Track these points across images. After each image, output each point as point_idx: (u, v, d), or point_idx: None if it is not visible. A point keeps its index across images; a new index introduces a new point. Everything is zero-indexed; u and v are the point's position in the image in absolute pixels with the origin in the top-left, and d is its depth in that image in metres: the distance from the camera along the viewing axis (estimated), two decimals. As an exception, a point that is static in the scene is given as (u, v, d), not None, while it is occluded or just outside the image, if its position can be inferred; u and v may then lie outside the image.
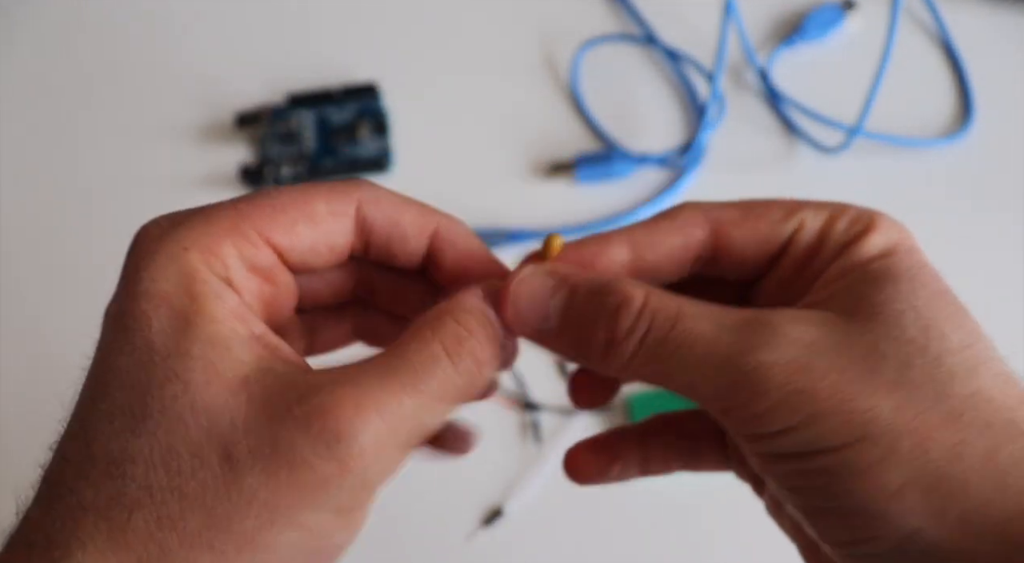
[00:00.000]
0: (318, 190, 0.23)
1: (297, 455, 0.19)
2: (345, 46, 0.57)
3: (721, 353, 0.20)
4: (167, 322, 0.20)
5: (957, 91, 0.54)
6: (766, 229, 0.23)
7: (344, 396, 0.19)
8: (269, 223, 0.22)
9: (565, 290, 0.22)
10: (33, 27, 0.58)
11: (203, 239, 0.21)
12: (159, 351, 0.20)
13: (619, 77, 0.56)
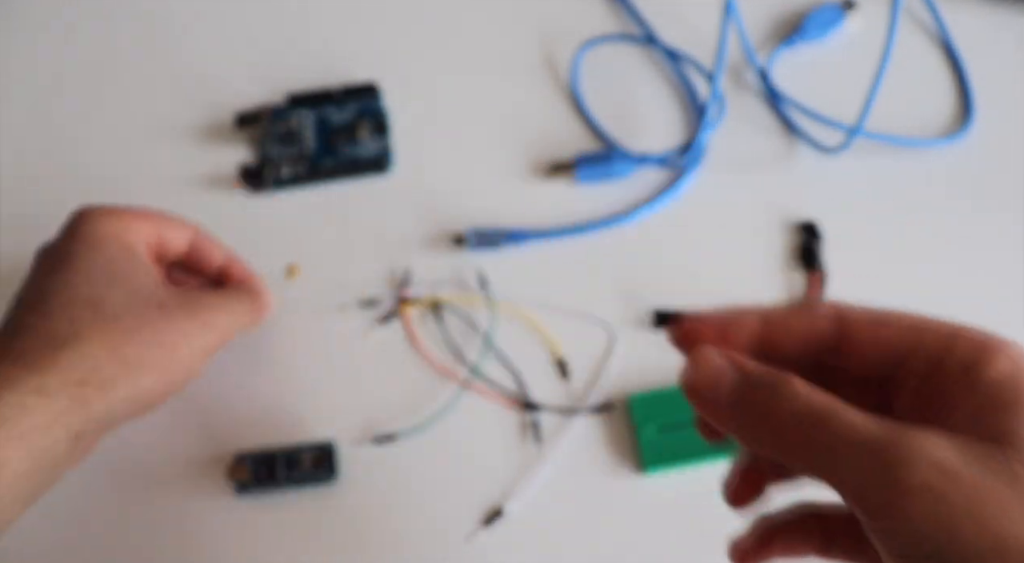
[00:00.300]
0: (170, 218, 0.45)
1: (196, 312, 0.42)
2: (345, 46, 0.57)
3: (869, 447, 0.22)
4: (108, 248, 0.40)
5: (957, 91, 0.54)
6: (889, 337, 0.25)
7: (211, 303, 0.43)
8: (151, 224, 0.43)
9: (738, 371, 0.25)
10: (32, 26, 0.58)
11: (122, 222, 0.42)
12: (107, 257, 0.40)
13: (619, 77, 0.56)
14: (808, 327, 0.26)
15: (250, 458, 0.44)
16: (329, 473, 0.44)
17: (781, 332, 0.26)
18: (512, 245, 0.50)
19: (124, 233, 0.40)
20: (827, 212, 0.50)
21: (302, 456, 0.44)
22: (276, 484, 0.43)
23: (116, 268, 0.39)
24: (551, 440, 0.45)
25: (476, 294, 0.48)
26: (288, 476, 0.43)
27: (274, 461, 0.44)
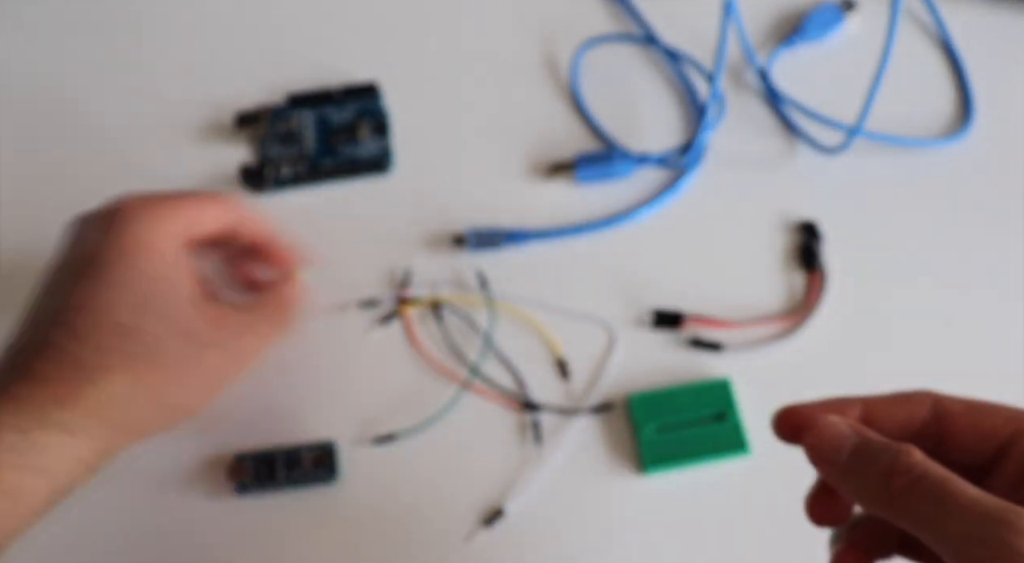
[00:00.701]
0: (201, 198, 0.42)
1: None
2: (345, 46, 0.57)
3: (985, 515, 0.23)
4: (145, 260, 0.37)
5: (957, 91, 0.54)
6: (986, 428, 0.27)
7: (243, 322, 0.42)
8: (185, 216, 0.40)
9: (860, 437, 0.27)
10: (30, 26, 0.58)
11: (156, 221, 0.39)
12: (141, 272, 0.37)
13: (619, 77, 0.56)
14: (908, 415, 0.28)
15: (250, 458, 0.44)
16: (330, 473, 0.44)
17: (882, 420, 0.28)
18: (512, 245, 0.50)
19: (163, 239, 0.38)
20: (827, 212, 0.50)
21: (302, 456, 0.44)
22: (276, 484, 0.43)
23: (151, 289, 0.37)
24: (551, 440, 0.45)
25: (476, 294, 0.48)
26: (288, 476, 0.43)
27: (274, 461, 0.44)
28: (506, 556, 0.43)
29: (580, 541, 0.43)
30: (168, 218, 0.39)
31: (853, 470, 0.26)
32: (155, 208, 0.39)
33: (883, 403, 0.28)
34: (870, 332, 0.47)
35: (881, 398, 0.28)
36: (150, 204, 0.39)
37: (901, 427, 0.28)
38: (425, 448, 0.45)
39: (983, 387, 0.45)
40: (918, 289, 0.48)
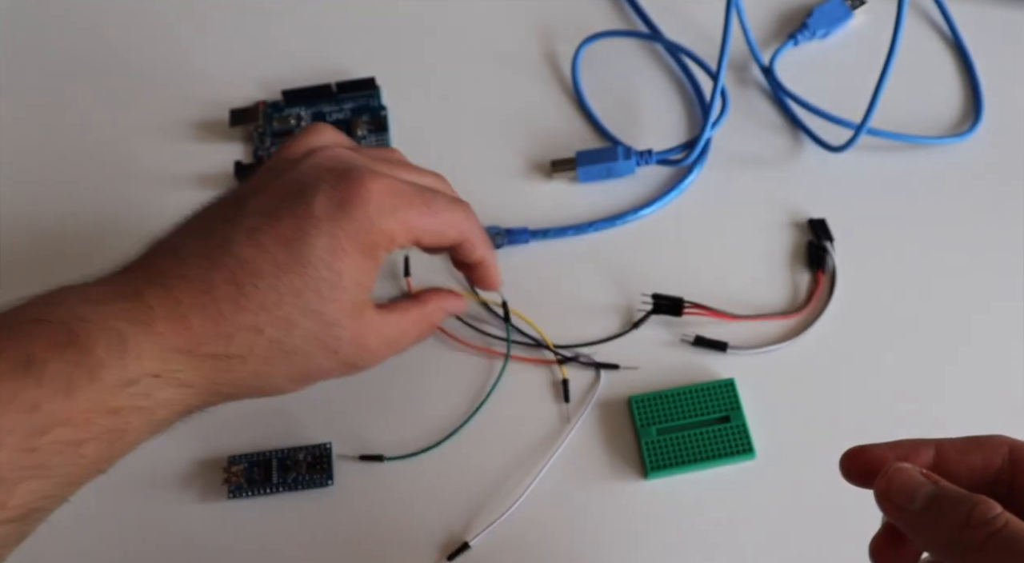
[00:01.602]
0: (444, 204, 0.38)
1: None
2: (342, 40, 0.56)
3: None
4: (352, 267, 0.35)
5: (966, 88, 0.53)
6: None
7: (371, 342, 0.38)
8: (414, 230, 0.37)
9: (934, 485, 0.26)
10: (26, 25, 0.58)
11: (391, 228, 0.36)
12: (339, 286, 0.35)
13: (621, 73, 0.55)
14: (982, 460, 0.27)
15: (245, 460, 0.43)
16: (325, 476, 0.43)
17: (955, 464, 0.27)
18: (513, 245, 0.49)
19: (377, 244, 0.35)
20: (832, 210, 0.49)
21: (298, 458, 0.43)
22: (271, 487, 0.43)
23: (328, 295, 0.34)
24: (552, 441, 0.44)
25: (476, 295, 0.48)
26: (283, 479, 0.43)
27: (270, 463, 0.43)
28: (508, 559, 0.42)
29: (581, 546, 0.42)
30: (409, 222, 0.36)
31: (927, 519, 0.26)
32: (400, 209, 0.35)
33: (957, 447, 0.28)
34: (878, 331, 0.46)
35: (955, 442, 0.28)
36: (396, 200, 0.35)
37: (976, 473, 0.27)
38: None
39: (993, 387, 0.45)
40: (926, 288, 0.47)
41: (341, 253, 0.34)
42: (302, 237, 0.34)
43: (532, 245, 0.49)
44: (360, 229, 0.34)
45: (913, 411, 0.44)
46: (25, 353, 0.29)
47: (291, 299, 0.33)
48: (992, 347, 0.46)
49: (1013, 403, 0.44)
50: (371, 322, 0.36)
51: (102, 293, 0.33)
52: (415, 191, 0.37)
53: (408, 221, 0.36)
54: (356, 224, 0.34)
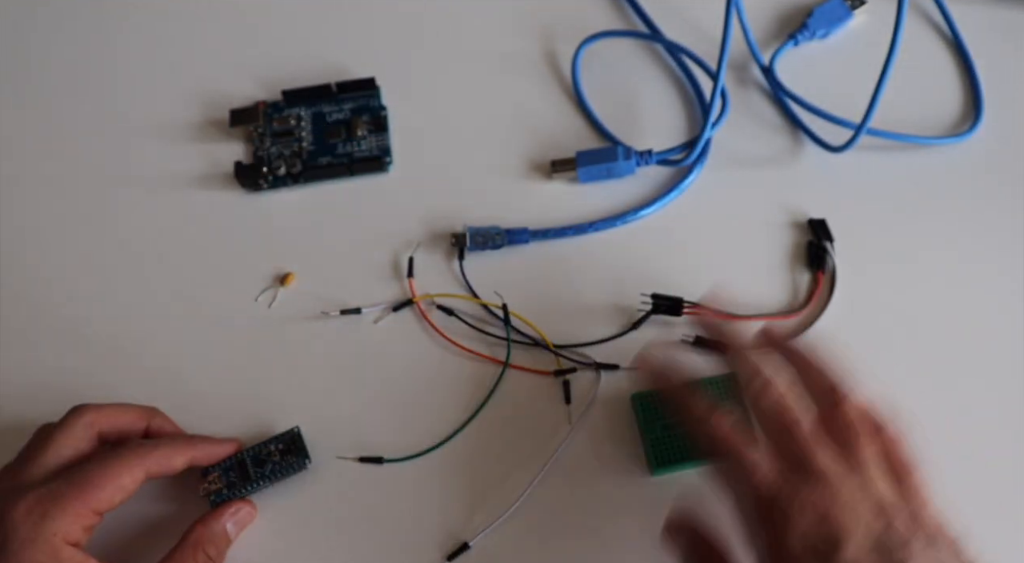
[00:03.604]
0: (116, 464, 0.39)
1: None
2: (342, 40, 0.56)
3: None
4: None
5: (966, 88, 0.53)
6: None
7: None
8: (97, 501, 0.38)
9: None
10: (26, 25, 0.58)
11: (63, 526, 0.36)
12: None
13: (621, 73, 0.55)
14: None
15: (218, 468, 0.43)
16: (301, 458, 0.43)
17: None
18: (513, 245, 0.49)
19: (59, 552, 0.36)
20: (832, 210, 0.49)
21: (269, 449, 0.43)
22: (251, 484, 0.42)
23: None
24: (553, 442, 0.44)
25: (477, 296, 0.48)
26: (260, 473, 0.42)
27: (244, 462, 0.43)
28: (510, 556, 0.42)
29: (581, 546, 0.42)
30: (65, 532, 0.36)
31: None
32: (44, 521, 0.36)
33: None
34: (877, 331, 0.46)
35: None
36: (39, 514, 0.36)
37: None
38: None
39: (992, 387, 0.45)
40: (926, 287, 0.47)
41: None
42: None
43: (532, 245, 0.49)
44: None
45: (913, 410, 0.44)
46: None
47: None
48: (992, 346, 0.46)
49: (1013, 402, 0.44)
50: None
51: None
52: (61, 484, 0.37)
53: (66, 516, 0.36)
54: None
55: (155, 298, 0.48)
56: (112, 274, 0.49)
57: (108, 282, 0.49)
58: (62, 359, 0.47)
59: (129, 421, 0.41)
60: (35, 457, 0.38)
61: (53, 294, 0.49)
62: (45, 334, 0.48)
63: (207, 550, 0.40)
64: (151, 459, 0.39)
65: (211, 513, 0.41)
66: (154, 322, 0.48)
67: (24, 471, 0.38)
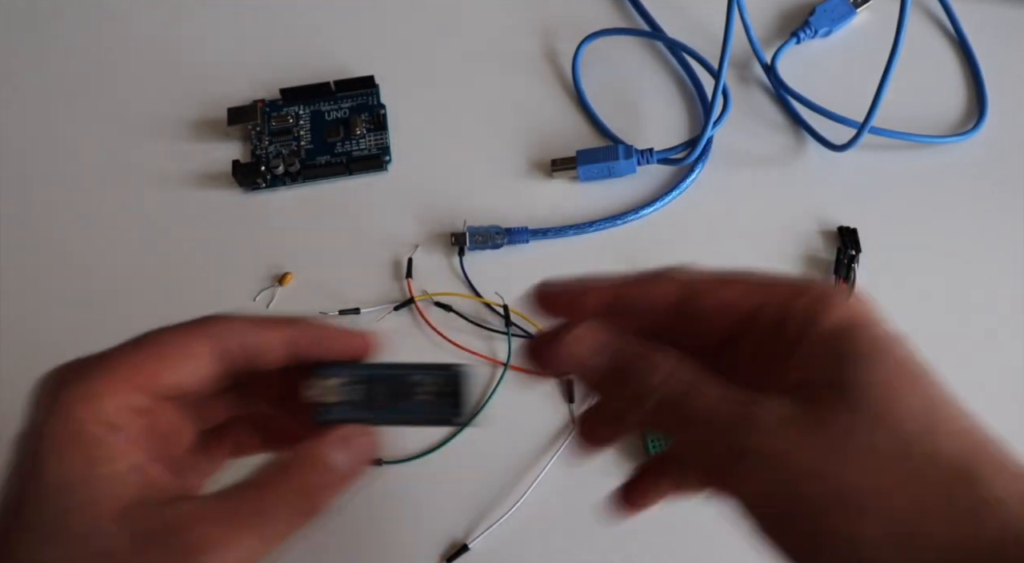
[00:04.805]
0: (175, 335, 0.28)
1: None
2: (342, 40, 0.56)
3: (717, 422, 0.24)
4: (61, 464, 0.25)
5: (970, 87, 0.53)
6: (734, 297, 0.26)
7: (203, 534, 0.25)
8: (138, 373, 0.27)
9: (619, 342, 0.27)
10: (24, 24, 0.57)
11: (88, 392, 0.26)
12: (49, 485, 0.25)
13: (622, 72, 0.54)
14: (657, 293, 0.27)
15: (338, 371, 0.30)
16: (454, 409, 0.29)
17: (632, 299, 0.27)
18: (513, 244, 0.48)
19: (92, 421, 0.26)
20: (835, 209, 0.49)
21: (419, 379, 0.30)
22: (377, 415, 0.30)
23: (59, 509, 0.25)
24: (553, 442, 0.44)
25: (478, 293, 0.47)
26: (396, 407, 0.30)
27: (378, 381, 0.30)
28: (511, 554, 0.42)
29: (582, 546, 0.42)
30: (105, 390, 0.27)
31: (610, 379, 0.26)
32: (81, 382, 0.27)
33: (634, 283, 0.28)
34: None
35: (631, 277, 0.28)
36: (76, 375, 0.27)
37: (653, 307, 0.27)
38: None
39: (991, 387, 0.44)
40: (930, 285, 0.47)
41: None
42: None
43: (532, 245, 0.49)
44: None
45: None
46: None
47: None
48: (993, 346, 0.46)
49: (1012, 402, 0.44)
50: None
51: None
52: (105, 351, 0.28)
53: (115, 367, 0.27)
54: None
55: (152, 297, 0.48)
56: (109, 272, 0.49)
57: (105, 280, 0.49)
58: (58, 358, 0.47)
59: (268, 335, 0.29)
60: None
61: (50, 293, 0.49)
62: (41, 333, 0.47)
63: (301, 484, 0.27)
64: (231, 327, 0.28)
65: (316, 437, 0.28)
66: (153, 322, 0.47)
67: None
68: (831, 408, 0.23)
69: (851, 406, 0.23)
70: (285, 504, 0.27)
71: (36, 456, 0.26)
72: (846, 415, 0.23)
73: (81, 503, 0.25)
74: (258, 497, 0.26)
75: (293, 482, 0.27)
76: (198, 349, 0.28)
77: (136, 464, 0.26)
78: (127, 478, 0.26)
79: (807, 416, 0.23)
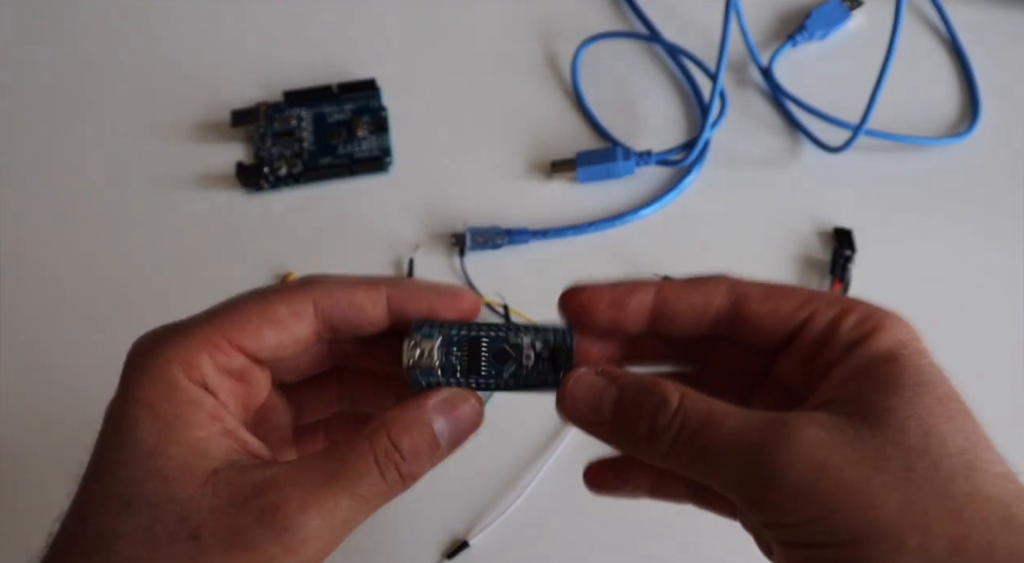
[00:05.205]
0: (278, 295, 0.27)
1: (252, 539, 0.23)
2: (344, 43, 0.56)
3: (744, 450, 0.23)
4: (152, 425, 0.24)
5: (963, 89, 0.54)
6: (782, 311, 0.26)
7: (291, 495, 0.24)
8: (238, 332, 0.26)
9: (615, 389, 0.26)
10: (26, 25, 0.58)
11: (182, 353, 0.25)
12: (144, 449, 0.24)
13: (621, 74, 0.55)
14: (703, 301, 0.26)
15: (439, 331, 0.28)
16: (557, 374, 0.28)
17: (676, 305, 0.26)
18: (513, 245, 0.49)
19: (187, 382, 0.25)
20: (831, 210, 0.50)
21: (526, 342, 0.28)
22: (480, 379, 0.29)
23: (141, 473, 0.24)
24: (553, 440, 0.44)
25: (479, 293, 0.48)
26: (499, 371, 0.29)
27: (481, 343, 0.28)
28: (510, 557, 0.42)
29: (582, 545, 0.43)
30: (203, 349, 0.26)
31: (619, 429, 0.25)
32: (177, 343, 0.26)
33: (679, 289, 0.27)
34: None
35: (676, 281, 0.27)
36: (171, 336, 0.26)
37: (697, 314, 0.26)
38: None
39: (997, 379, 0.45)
40: (925, 286, 0.48)
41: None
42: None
43: (532, 245, 0.49)
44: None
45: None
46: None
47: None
48: (989, 346, 0.46)
49: (1015, 401, 0.45)
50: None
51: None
52: (198, 315, 0.27)
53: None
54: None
55: (156, 297, 0.49)
56: (113, 273, 0.49)
57: (108, 281, 0.49)
58: (60, 359, 0.47)
59: (364, 292, 0.27)
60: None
61: (54, 295, 0.49)
62: (44, 333, 0.48)
63: (397, 445, 0.26)
64: (323, 286, 0.27)
65: (415, 398, 0.27)
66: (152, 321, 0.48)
67: None
68: (869, 434, 0.22)
69: (890, 434, 0.22)
70: (380, 469, 0.25)
71: (125, 419, 0.25)
72: (885, 443, 0.22)
73: (170, 467, 0.24)
74: (354, 459, 0.25)
75: (389, 446, 0.26)
76: (302, 308, 0.27)
77: (229, 428, 0.26)
78: (218, 442, 0.25)
79: (843, 437, 0.22)
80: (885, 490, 0.21)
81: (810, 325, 0.25)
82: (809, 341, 0.25)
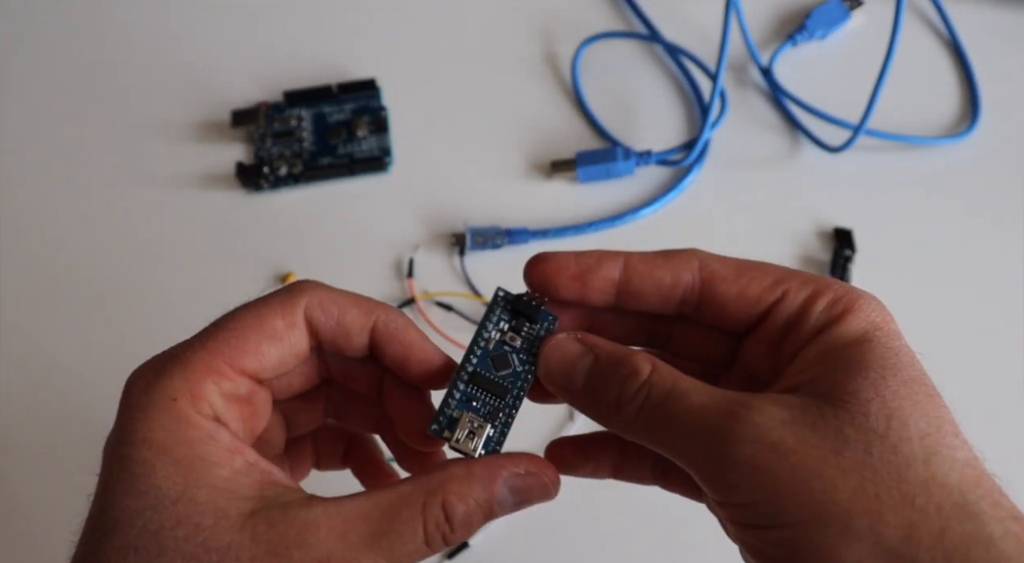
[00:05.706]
0: (270, 308, 0.26)
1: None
2: (344, 43, 0.56)
3: (704, 427, 0.23)
4: (171, 469, 0.22)
5: (963, 89, 0.54)
6: (752, 293, 0.25)
7: (334, 551, 0.22)
8: (239, 354, 0.25)
9: (590, 357, 0.25)
10: (27, 25, 0.58)
11: (186, 385, 0.24)
12: (167, 496, 0.22)
13: (621, 74, 0.55)
14: (672, 276, 0.26)
15: (457, 401, 0.29)
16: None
17: (642, 280, 0.26)
18: (513, 245, 0.49)
19: (197, 416, 0.24)
20: (831, 210, 0.50)
21: (501, 330, 0.29)
22: (510, 401, 0.29)
23: (169, 523, 0.22)
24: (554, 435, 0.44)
25: (477, 295, 0.48)
26: (508, 379, 0.29)
27: (483, 377, 0.29)
28: (510, 557, 0.42)
29: (582, 545, 0.43)
30: (207, 378, 0.24)
31: (590, 398, 0.25)
32: (178, 374, 0.24)
33: (646, 261, 0.26)
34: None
35: (644, 256, 0.26)
36: (170, 368, 0.24)
37: (664, 290, 0.26)
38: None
39: (991, 387, 0.45)
40: (925, 286, 0.48)
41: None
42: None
43: (532, 245, 0.49)
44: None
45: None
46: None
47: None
48: (988, 346, 0.46)
49: (1006, 401, 0.45)
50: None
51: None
52: (190, 340, 0.25)
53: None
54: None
55: (154, 297, 0.49)
56: (113, 272, 0.49)
57: (108, 281, 0.49)
58: (60, 358, 0.47)
59: (354, 315, 0.27)
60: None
61: (54, 294, 0.49)
62: (45, 334, 0.48)
63: (450, 516, 0.24)
64: (314, 295, 0.26)
65: (477, 463, 0.26)
66: (153, 321, 0.48)
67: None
68: (831, 415, 0.22)
69: (852, 417, 0.21)
70: (426, 537, 0.24)
71: (138, 465, 0.22)
72: (846, 425, 0.21)
73: (201, 513, 0.22)
74: (401, 522, 0.23)
75: (441, 519, 0.24)
76: (296, 317, 0.26)
77: (251, 461, 0.24)
78: (245, 478, 0.23)
79: (801, 425, 0.22)
80: (840, 473, 0.21)
81: (781, 307, 0.25)
82: (779, 323, 0.25)
